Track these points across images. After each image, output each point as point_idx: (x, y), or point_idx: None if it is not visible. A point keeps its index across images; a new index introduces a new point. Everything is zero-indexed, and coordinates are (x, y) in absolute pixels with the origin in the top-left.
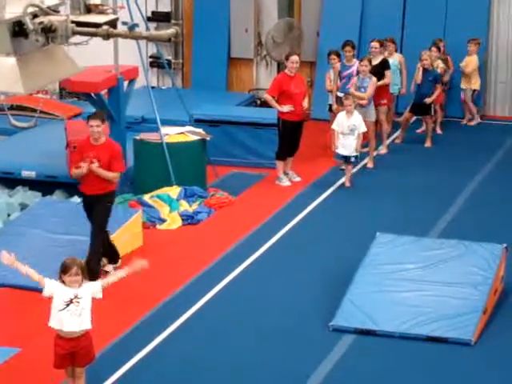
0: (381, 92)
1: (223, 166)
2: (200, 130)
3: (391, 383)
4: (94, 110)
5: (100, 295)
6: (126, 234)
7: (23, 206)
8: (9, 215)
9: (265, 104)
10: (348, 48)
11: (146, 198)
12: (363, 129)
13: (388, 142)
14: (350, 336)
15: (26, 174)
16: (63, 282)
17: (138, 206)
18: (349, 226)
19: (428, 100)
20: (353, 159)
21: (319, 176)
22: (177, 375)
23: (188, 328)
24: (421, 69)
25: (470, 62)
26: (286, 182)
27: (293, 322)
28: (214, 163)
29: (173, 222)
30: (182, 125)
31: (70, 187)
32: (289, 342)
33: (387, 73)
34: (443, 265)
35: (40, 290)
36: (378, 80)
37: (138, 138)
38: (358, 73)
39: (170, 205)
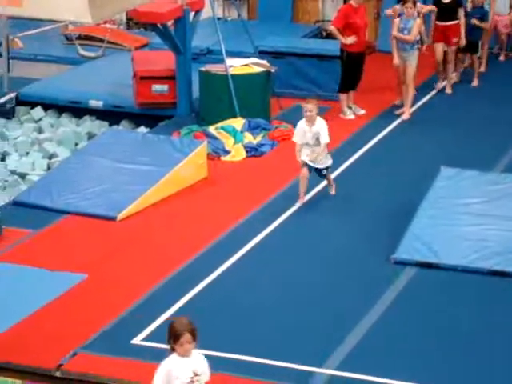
0: (453, 30)
1: (287, 99)
2: (265, 62)
3: (452, 316)
4: (160, 40)
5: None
6: (190, 165)
7: (90, 136)
8: (76, 144)
9: (330, 36)
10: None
11: (211, 129)
12: (325, 139)
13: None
14: (412, 269)
15: (93, 103)
16: (173, 350)
17: (203, 137)
18: (412, 160)
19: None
20: (324, 171)
21: (383, 109)
22: (241, 300)
23: (252, 256)
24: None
25: None
26: (349, 115)
27: (355, 255)
28: (278, 95)
29: (237, 153)
30: (247, 56)
31: (136, 117)
32: (351, 274)
33: (461, 11)
34: (507, 199)
35: (108, 218)
36: (450, 19)
37: (203, 69)
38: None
39: (234, 136)
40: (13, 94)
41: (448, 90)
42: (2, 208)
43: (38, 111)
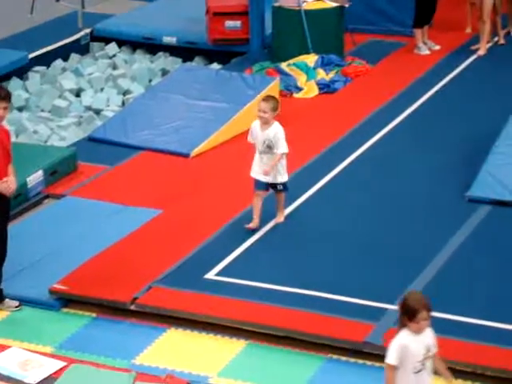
0: None
1: (361, 34)
2: None
3: None
4: None
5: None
6: None
7: (164, 72)
8: (150, 80)
9: None
10: None
11: (284, 65)
12: (283, 149)
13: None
14: (486, 207)
15: (166, 39)
16: (403, 325)
17: (275, 73)
18: (488, 97)
19: None
20: (280, 187)
21: (458, 45)
22: (315, 236)
23: (324, 192)
24: None
25: None
26: (425, 51)
27: (428, 192)
28: (352, 31)
29: (309, 90)
30: None
31: (209, 54)
32: (424, 211)
33: None
34: None
35: (181, 154)
36: None
37: (276, 4)
38: None
39: (306, 73)
40: (87, 30)
41: (501, 41)
42: (77, 143)
43: (112, 47)
